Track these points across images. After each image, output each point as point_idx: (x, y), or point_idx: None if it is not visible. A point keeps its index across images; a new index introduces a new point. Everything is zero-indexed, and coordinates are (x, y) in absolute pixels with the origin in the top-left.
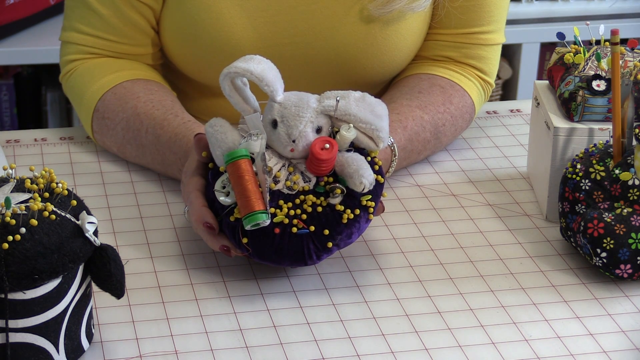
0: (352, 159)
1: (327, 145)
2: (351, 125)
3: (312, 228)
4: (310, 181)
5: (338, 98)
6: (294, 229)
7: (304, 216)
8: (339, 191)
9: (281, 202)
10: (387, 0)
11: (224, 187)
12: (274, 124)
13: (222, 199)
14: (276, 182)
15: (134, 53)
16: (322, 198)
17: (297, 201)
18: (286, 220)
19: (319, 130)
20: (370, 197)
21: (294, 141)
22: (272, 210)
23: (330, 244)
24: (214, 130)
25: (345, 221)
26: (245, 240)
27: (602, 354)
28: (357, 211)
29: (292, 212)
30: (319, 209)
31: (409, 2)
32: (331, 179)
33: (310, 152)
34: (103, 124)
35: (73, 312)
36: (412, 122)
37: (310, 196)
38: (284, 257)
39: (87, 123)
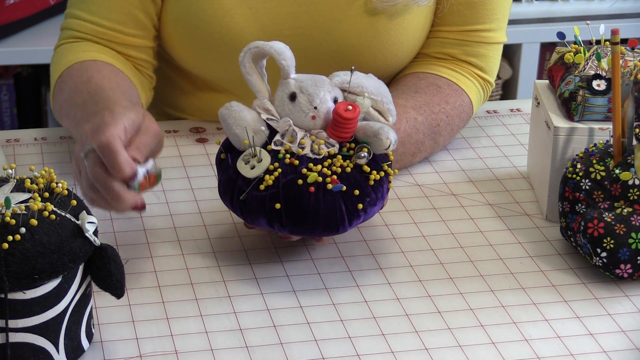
0: (372, 122)
1: (350, 107)
2: (366, 94)
3: (344, 188)
4: (334, 147)
5: (353, 67)
6: (329, 186)
7: (335, 176)
8: (365, 149)
9: (310, 165)
10: None
11: (246, 163)
12: (292, 96)
13: (247, 173)
14: (302, 148)
15: (128, 44)
16: (348, 161)
17: (326, 164)
18: (319, 179)
19: (335, 101)
20: (390, 162)
21: (315, 108)
22: (304, 171)
23: (360, 205)
24: (230, 111)
25: (372, 183)
26: (278, 206)
27: (602, 354)
28: (382, 173)
29: (325, 171)
30: (348, 169)
31: None
32: (353, 145)
33: (334, 115)
34: (59, 87)
35: (73, 312)
36: (405, 124)
37: (339, 157)
38: (318, 221)
39: (52, 85)
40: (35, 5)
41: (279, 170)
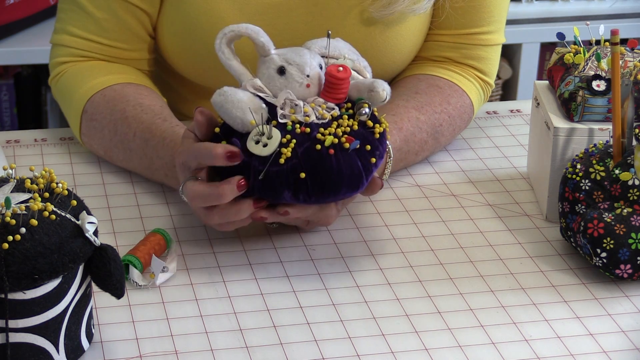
0: (361, 79)
1: (341, 68)
2: (345, 55)
3: (358, 144)
4: (334, 109)
5: (329, 32)
6: (346, 145)
7: (346, 136)
8: (366, 105)
9: (321, 129)
10: (388, 2)
11: (256, 143)
12: (281, 70)
13: (261, 151)
14: (307, 116)
15: (127, 58)
16: (351, 119)
17: (334, 125)
18: (335, 140)
19: (320, 67)
20: (385, 114)
21: (308, 76)
22: (319, 136)
23: (373, 160)
24: (225, 97)
25: (377, 136)
26: (303, 176)
27: (602, 354)
28: (384, 125)
29: (337, 131)
30: (355, 127)
31: (410, 4)
32: (349, 104)
33: (327, 77)
34: (91, 126)
35: (73, 312)
36: (407, 124)
37: (345, 117)
38: (343, 181)
39: (76, 125)
40: (35, 5)
41: (294, 141)
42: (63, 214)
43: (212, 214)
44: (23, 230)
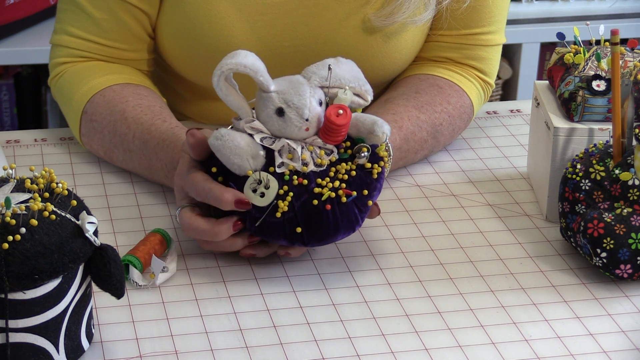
0: (362, 116)
1: (341, 111)
2: (346, 87)
3: (354, 193)
4: (332, 152)
5: (330, 65)
6: (343, 199)
7: (344, 185)
8: (365, 149)
9: (319, 180)
10: (389, 12)
11: (254, 191)
12: (280, 111)
13: (258, 202)
14: (306, 164)
15: (127, 58)
16: (350, 163)
17: (332, 174)
18: (333, 194)
19: (320, 103)
20: (385, 147)
21: (307, 120)
22: (317, 190)
23: (370, 202)
24: (222, 141)
25: (375, 176)
26: (299, 230)
27: (602, 354)
28: (382, 163)
29: (336, 184)
30: (353, 173)
31: (412, 16)
32: (348, 143)
33: (326, 121)
34: (91, 126)
35: (73, 312)
36: (407, 122)
37: (343, 164)
38: (339, 231)
39: (75, 125)
40: (35, 5)
41: (291, 194)
42: (63, 214)
43: (207, 242)
44: (23, 230)
